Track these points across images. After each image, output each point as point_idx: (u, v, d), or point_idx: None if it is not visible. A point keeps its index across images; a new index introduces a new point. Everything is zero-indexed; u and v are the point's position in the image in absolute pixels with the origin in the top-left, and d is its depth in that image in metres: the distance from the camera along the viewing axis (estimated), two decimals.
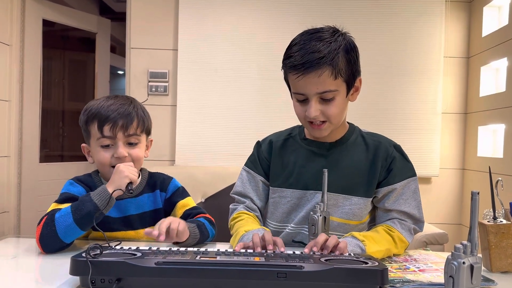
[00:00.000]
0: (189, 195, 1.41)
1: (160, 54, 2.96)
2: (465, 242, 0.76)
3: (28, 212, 2.96)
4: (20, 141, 2.91)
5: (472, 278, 0.75)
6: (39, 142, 3.10)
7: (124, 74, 3.20)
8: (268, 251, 0.97)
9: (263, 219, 1.37)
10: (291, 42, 1.19)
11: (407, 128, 2.95)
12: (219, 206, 2.49)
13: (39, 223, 1.12)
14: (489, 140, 2.79)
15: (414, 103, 2.96)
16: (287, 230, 1.28)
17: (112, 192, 1.13)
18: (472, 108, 2.93)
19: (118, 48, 4.80)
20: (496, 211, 1.07)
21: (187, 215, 1.34)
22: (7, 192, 2.82)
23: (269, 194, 1.33)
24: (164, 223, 1.10)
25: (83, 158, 1.33)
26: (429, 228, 2.42)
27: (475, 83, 2.89)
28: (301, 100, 1.19)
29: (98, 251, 0.88)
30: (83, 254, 0.86)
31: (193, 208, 1.37)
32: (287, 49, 1.19)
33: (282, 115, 2.70)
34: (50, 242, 1.09)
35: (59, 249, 1.11)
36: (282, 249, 1.02)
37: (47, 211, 1.16)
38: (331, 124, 1.19)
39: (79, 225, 1.10)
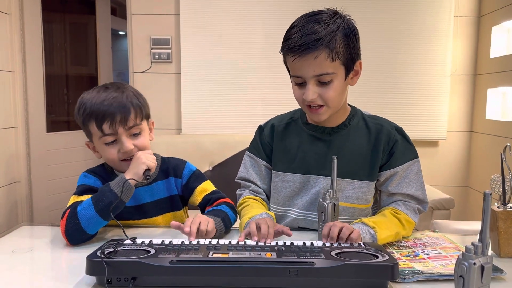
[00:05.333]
0: (206, 179, 1.40)
1: (162, 20, 2.89)
2: (476, 242, 0.76)
3: (39, 182, 3.00)
4: (26, 111, 2.90)
5: (482, 278, 0.76)
6: (45, 112, 3.09)
7: (125, 35, 3.14)
8: (278, 245, 0.98)
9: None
10: (291, 25, 1.17)
11: (415, 91, 2.91)
12: (226, 174, 2.51)
13: (62, 217, 1.13)
14: (499, 103, 2.75)
15: (422, 64, 2.90)
16: (292, 215, 1.29)
17: (128, 179, 1.13)
18: (482, 70, 2.88)
19: (119, 9, 4.68)
20: (506, 176, 1.06)
21: (207, 201, 1.35)
22: (17, 162, 2.85)
23: (272, 178, 1.33)
24: (195, 224, 1.10)
25: None
26: (436, 194, 2.44)
27: (486, 43, 2.81)
28: (299, 83, 1.18)
29: (112, 250, 0.89)
30: (98, 253, 0.88)
31: (212, 192, 1.37)
32: (286, 31, 1.18)
33: (288, 81, 2.66)
34: (75, 235, 1.11)
35: (84, 240, 1.13)
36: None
37: (68, 205, 1.17)
38: (329, 108, 1.18)
39: (101, 215, 1.11)
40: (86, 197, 1.18)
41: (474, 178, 2.97)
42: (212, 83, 2.89)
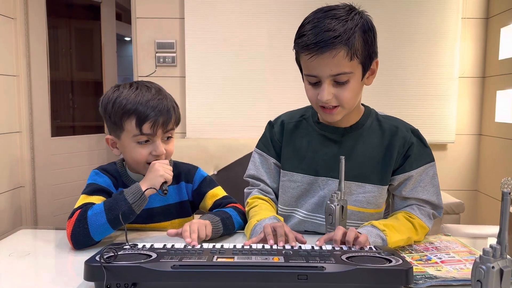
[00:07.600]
0: (217, 185, 1.37)
1: (166, 24, 2.88)
2: (494, 244, 0.72)
3: (43, 186, 2.99)
4: (30, 116, 2.89)
5: (501, 283, 0.71)
6: (50, 116, 3.07)
7: (131, 41, 3.14)
8: (286, 249, 0.94)
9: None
10: (304, 20, 1.11)
11: (422, 94, 2.87)
12: (231, 178, 2.48)
13: (70, 217, 1.10)
14: (508, 105, 2.70)
15: (430, 67, 2.87)
16: (298, 216, 1.25)
17: (145, 190, 1.11)
18: (490, 72, 2.83)
19: (124, 15, 4.68)
20: None
21: (217, 205, 1.32)
22: (21, 167, 2.83)
23: (280, 177, 1.29)
24: (194, 232, 1.05)
25: (94, 130, 1.29)
26: (445, 198, 2.39)
27: (494, 45, 2.77)
28: (313, 82, 1.12)
29: (112, 254, 0.86)
30: (97, 258, 0.84)
31: (223, 197, 1.34)
32: (299, 27, 1.12)
33: (293, 84, 2.62)
34: (81, 240, 1.08)
35: (88, 245, 1.10)
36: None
37: (77, 204, 1.14)
38: (344, 109, 1.13)
39: (111, 225, 1.09)
40: (96, 198, 1.16)
41: (483, 182, 2.91)
42: (217, 87, 2.87)
